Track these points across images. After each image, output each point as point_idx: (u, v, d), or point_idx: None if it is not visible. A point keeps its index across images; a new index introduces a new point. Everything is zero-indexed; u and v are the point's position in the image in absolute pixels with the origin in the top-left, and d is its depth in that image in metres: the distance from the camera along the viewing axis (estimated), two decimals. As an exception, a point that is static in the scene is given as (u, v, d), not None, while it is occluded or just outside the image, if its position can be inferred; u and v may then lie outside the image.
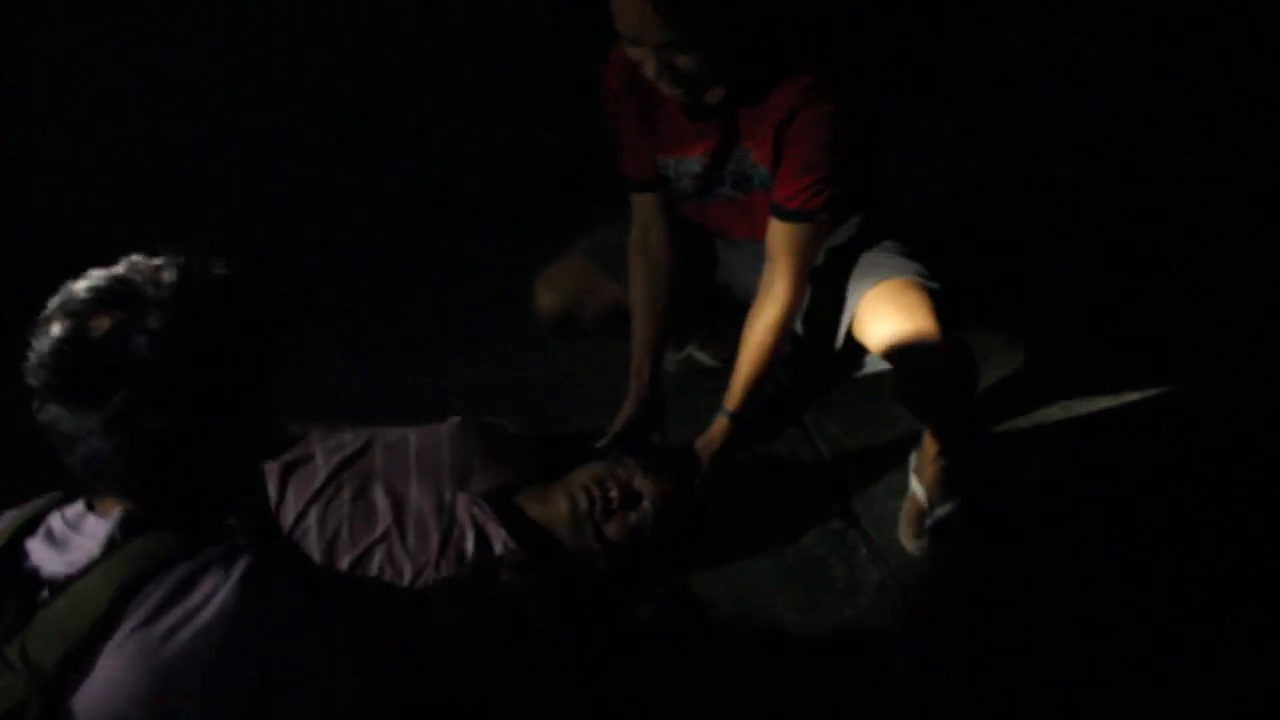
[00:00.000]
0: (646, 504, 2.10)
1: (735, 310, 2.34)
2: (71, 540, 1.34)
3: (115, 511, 1.33)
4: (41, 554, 1.35)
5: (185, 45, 3.14)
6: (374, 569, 1.98)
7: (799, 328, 2.33)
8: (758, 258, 2.25)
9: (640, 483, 2.12)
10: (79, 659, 1.26)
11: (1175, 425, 2.57)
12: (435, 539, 2.03)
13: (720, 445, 2.27)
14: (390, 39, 3.35)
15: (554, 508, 2.13)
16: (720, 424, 2.27)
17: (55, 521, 1.38)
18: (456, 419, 2.31)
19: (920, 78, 3.78)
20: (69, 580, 1.30)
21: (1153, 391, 2.66)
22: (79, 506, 1.38)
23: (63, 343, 1.27)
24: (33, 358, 1.29)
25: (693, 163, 2.22)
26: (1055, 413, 2.63)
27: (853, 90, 2.09)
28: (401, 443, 2.22)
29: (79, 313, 1.29)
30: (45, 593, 1.31)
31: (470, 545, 2.02)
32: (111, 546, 1.31)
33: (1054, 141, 3.54)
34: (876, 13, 3.51)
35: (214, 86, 3.19)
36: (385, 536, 2.05)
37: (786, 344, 2.28)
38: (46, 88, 3.08)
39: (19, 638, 1.28)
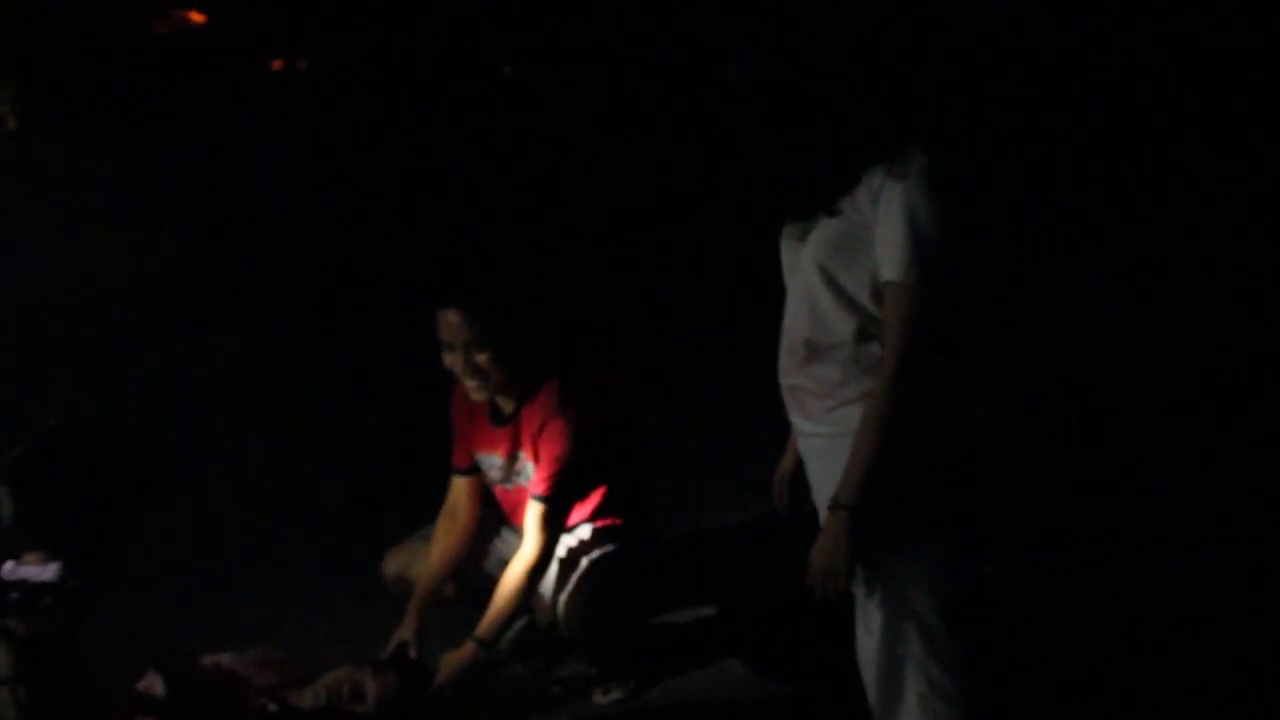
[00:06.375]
0: (371, 697, 2.93)
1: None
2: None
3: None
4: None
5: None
6: None
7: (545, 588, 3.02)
8: None
9: (369, 683, 2.94)
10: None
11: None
12: None
13: (461, 662, 2.92)
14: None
15: (305, 700, 2.96)
16: (468, 647, 2.93)
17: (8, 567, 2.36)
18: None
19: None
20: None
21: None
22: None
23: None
24: None
25: (495, 459, 3.05)
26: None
27: (590, 408, 2.92)
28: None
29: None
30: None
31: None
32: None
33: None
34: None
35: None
36: None
37: (531, 597, 2.98)
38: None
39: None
